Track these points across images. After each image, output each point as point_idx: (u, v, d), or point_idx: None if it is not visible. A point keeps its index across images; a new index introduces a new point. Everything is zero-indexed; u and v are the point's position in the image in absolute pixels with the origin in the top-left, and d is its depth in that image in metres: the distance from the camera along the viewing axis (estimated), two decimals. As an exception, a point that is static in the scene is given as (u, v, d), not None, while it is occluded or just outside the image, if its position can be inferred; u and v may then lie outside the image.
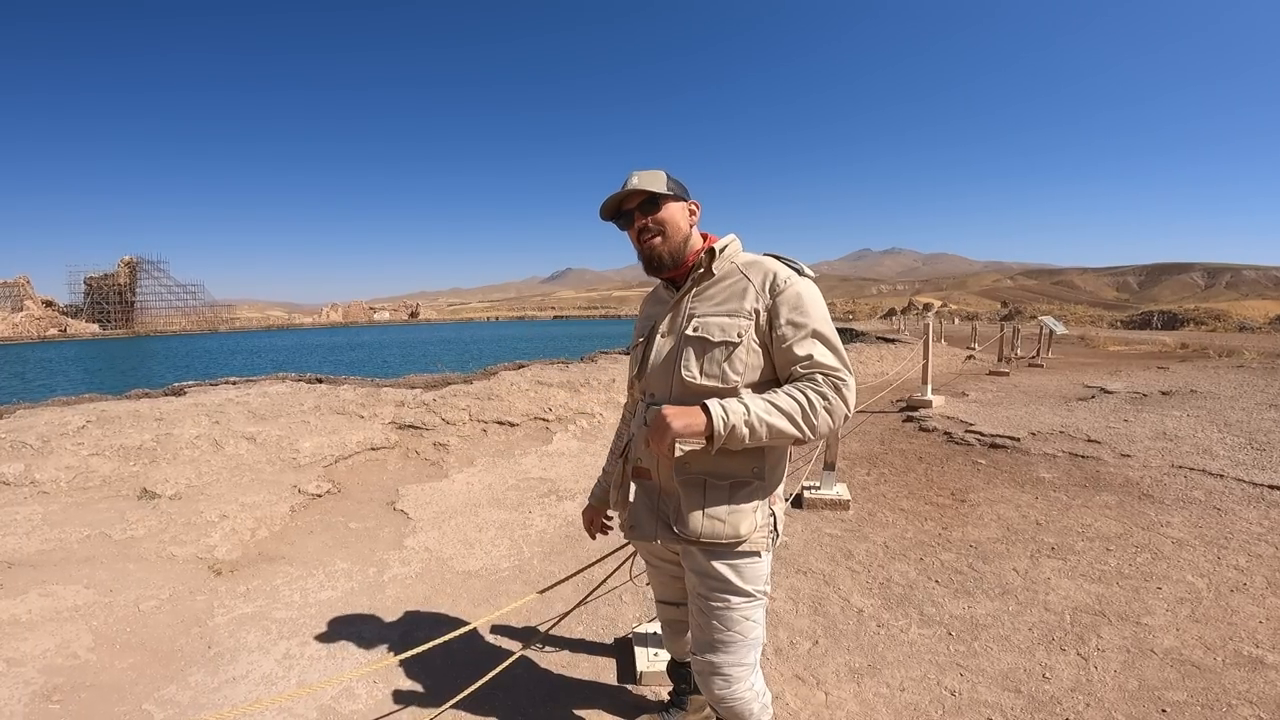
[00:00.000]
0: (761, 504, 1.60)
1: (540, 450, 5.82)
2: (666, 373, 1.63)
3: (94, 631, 2.81)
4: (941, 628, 2.80)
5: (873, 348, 15.79)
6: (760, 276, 1.59)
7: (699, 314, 1.61)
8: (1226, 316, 36.50)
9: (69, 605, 3.01)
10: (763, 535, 1.60)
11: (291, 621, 2.93)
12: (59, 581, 3.21)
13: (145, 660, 2.63)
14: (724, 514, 1.56)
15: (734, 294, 1.59)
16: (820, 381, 1.48)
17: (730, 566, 1.59)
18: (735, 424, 1.44)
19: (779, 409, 1.46)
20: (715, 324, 1.57)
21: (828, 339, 1.53)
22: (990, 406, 8.09)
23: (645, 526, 1.68)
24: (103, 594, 3.13)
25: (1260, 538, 3.67)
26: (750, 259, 1.65)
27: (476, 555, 3.69)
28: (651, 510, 1.67)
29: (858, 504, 4.44)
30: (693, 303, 1.64)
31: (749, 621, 1.64)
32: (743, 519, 1.56)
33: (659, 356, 1.66)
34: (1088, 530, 3.85)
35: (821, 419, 1.47)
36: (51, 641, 2.72)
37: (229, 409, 5.81)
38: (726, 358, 1.54)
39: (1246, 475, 4.76)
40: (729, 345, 1.54)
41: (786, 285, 1.56)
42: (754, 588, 1.62)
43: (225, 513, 4.03)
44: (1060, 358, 15.10)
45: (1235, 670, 2.44)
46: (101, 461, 4.57)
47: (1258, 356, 13.67)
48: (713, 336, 1.56)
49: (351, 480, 4.86)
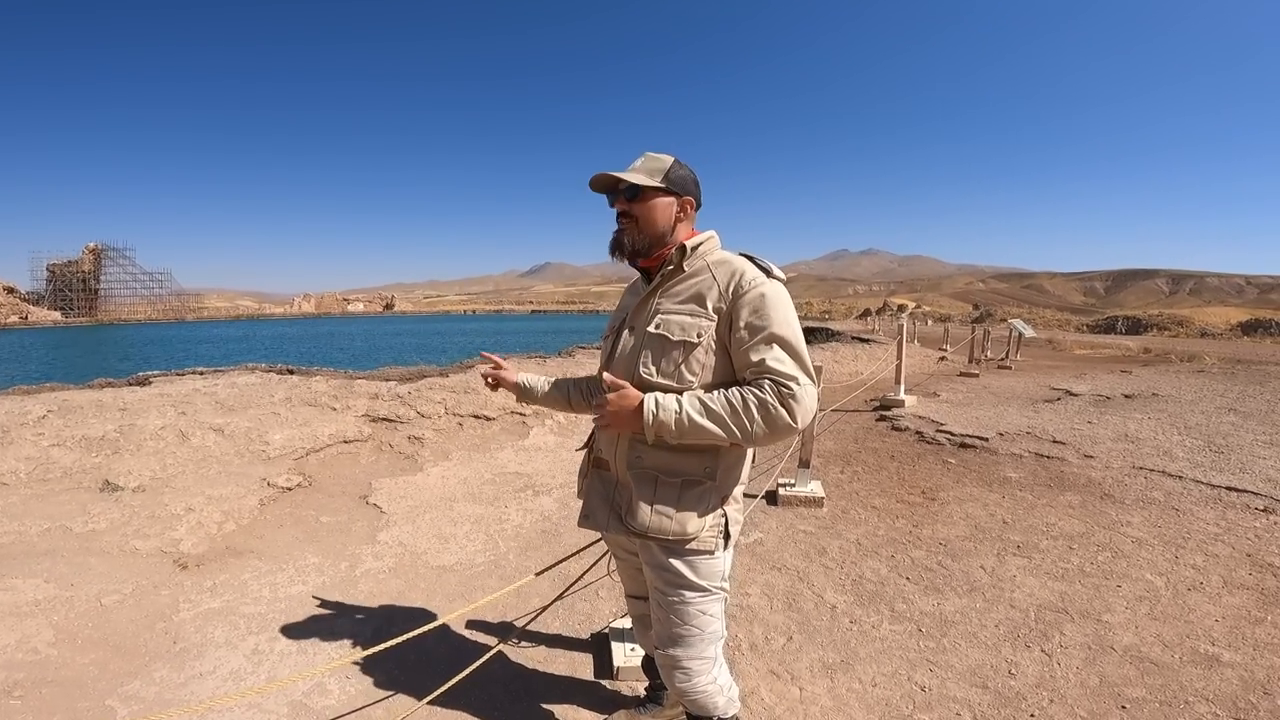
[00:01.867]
0: (712, 504, 1.59)
1: (517, 445, 5.79)
2: (627, 368, 1.64)
3: (55, 626, 2.74)
4: (912, 624, 2.85)
5: (848, 347, 15.97)
6: (726, 276, 1.58)
7: (663, 310, 1.62)
8: (1189, 322, 37.58)
9: (28, 599, 2.93)
10: (712, 535, 1.59)
11: (260, 616, 2.89)
12: (18, 575, 3.13)
13: (108, 655, 2.56)
14: (671, 511, 1.56)
15: (698, 293, 1.59)
16: (765, 388, 1.45)
17: (685, 562, 1.61)
18: (664, 420, 1.47)
19: (709, 410, 1.46)
20: (676, 322, 1.57)
21: (787, 343, 1.49)
22: (960, 407, 8.23)
23: (598, 515, 1.71)
24: (63, 588, 3.05)
25: (1216, 538, 3.79)
26: (721, 258, 1.64)
27: (451, 550, 3.66)
28: (606, 500, 1.70)
29: (831, 501, 4.49)
30: (660, 298, 1.65)
31: (706, 616, 1.65)
32: (690, 518, 1.56)
33: (623, 351, 1.67)
34: (1052, 529, 3.94)
35: (757, 425, 1.44)
36: (11, 636, 2.65)
37: (196, 399, 5.69)
38: (684, 358, 1.55)
39: (1204, 477, 4.91)
40: (687, 345, 1.54)
41: (751, 287, 1.53)
42: (709, 583, 1.63)
43: (191, 506, 3.95)
44: (1028, 360, 15.41)
45: (1192, 668, 2.52)
46: (63, 452, 4.44)
47: (1218, 362, 14.10)
48: (672, 335, 1.56)
49: (323, 473, 4.79)
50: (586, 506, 1.76)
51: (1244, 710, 2.25)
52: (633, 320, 1.70)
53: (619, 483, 1.68)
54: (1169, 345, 21.55)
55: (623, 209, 1.65)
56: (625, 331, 1.70)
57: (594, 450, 1.78)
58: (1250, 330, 33.84)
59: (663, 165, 1.64)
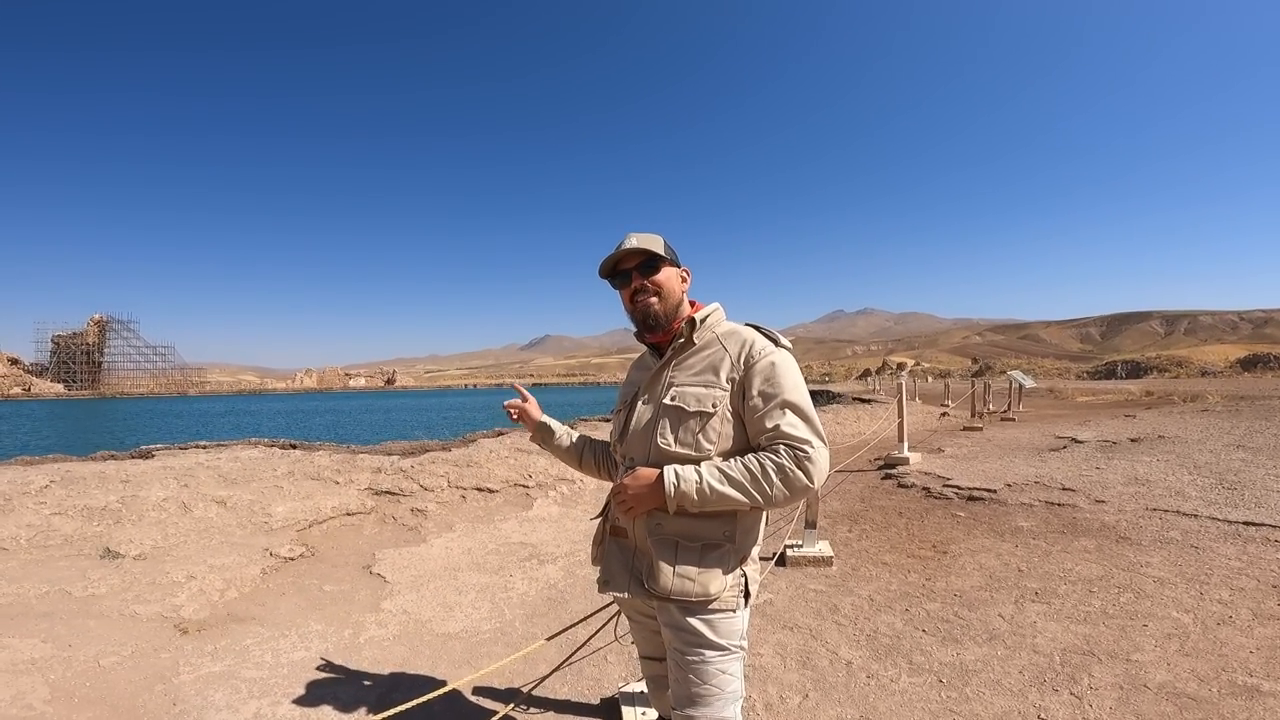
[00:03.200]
0: (731, 564, 1.61)
1: (521, 515, 5.73)
2: (644, 439, 1.66)
3: (51, 685, 2.71)
4: (932, 675, 2.77)
5: (850, 409, 15.97)
6: (737, 347, 1.63)
7: (678, 383, 1.65)
8: (1188, 362, 37.66)
9: (25, 658, 2.90)
10: (733, 594, 1.61)
11: (262, 681, 2.83)
12: (14, 635, 3.10)
13: (105, 714, 2.52)
14: (694, 574, 1.57)
15: (711, 364, 1.64)
16: (781, 452, 1.50)
17: (704, 621, 1.60)
18: (686, 491, 1.51)
19: (729, 478, 1.51)
20: (692, 394, 1.61)
21: (799, 408, 1.55)
22: (966, 461, 8.17)
23: (618, 580, 1.70)
24: (61, 648, 3.02)
25: (1240, 571, 3.72)
26: (729, 329, 1.71)
27: (456, 618, 3.58)
28: (625, 566, 1.70)
29: (841, 560, 4.41)
30: (673, 372, 1.69)
31: (726, 675, 1.62)
32: (712, 579, 1.58)
33: (639, 423, 1.70)
34: (1069, 574, 3.87)
35: (776, 489, 1.49)
36: (6, 693, 2.62)
37: (199, 473, 5.67)
38: (701, 427, 1.59)
39: (1220, 514, 4.84)
40: (704, 415, 1.59)
41: (761, 356, 1.60)
42: (729, 642, 1.62)
43: (193, 573, 3.90)
44: (1031, 410, 15.38)
45: (1232, 699, 2.44)
46: (64, 521, 4.43)
47: (1221, 400, 14.07)
48: (688, 406, 1.60)
49: (326, 544, 4.73)
50: (605, 572, 1.75)
51: (1290, 741, 2.17)
52: (646, 393, 1.72)
53: (637, 549, 1.68)
54: (1171, 386, 21.53)
55: (640, 284, 1.69)
56: (639, 404, 1.73)
57: (609, 519, 1.78)
58: (1250, 366, 33.89)
59: (658, 240, 1.71)
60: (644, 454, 1.66)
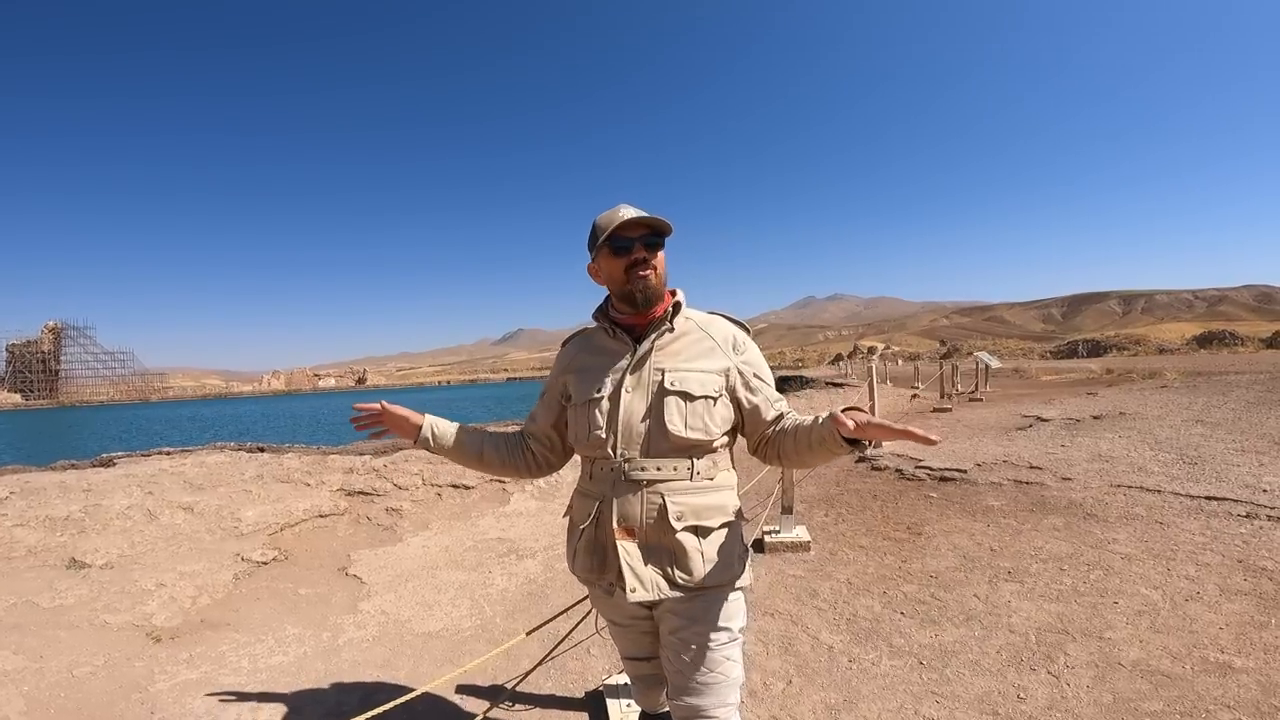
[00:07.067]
0: (743, 542, 1.68)
1: (498, 511, 5.68)
2: (646, 426, 1.59)
3: (25, 696, 2.64)
4: (912, 657, 2.81)
5: (823, 393, 16.15)
6: (722, 336, 1.70)
7: (670, 368, 1.61)
8: (1146, 340, 38.79)
9: None
10: (748, 573, 1.68)
11: (241, 687, 2.78)
12: None
13: None
14: (724, 556, 1.61)
15: (702, 351, 1.65)
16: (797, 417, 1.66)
17: (720, 605, 1.61)
18: None
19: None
20: (694, 379, 1.60)
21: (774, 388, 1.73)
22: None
23: (648, 583, 1.57)
24: (32, 659, 2.93)
25: (1205, 547, 3.83)
26: (706, 317, 1.74)
27: (436, 616, 3.54)
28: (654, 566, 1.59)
29: (818, 544, 4.45)
30: (656, 356, 1.64)
31: (730, 661, 1.62)
32: (736, 559, 1.63)
33: (632, 411, 1.61)
34: (1040, 552, 3.95)
35: None
36: None
37: (163, 479, 5.51)
38: (708, 411, 1.60)
39: (1183, 489, 4.98)
40: (709, 399, 1.61)
41: (746, 346, 1.72)
42: (735, 625, 1.63)
43: (162, 581, 3.80)
44: (998, 390, 15.70)
45: (1206, 677, 2.50)
46: (26, 532, 4.27)
47: (1179, 376, 14.52)
48: (694, 391, 1.59)
49: (299, 547, 4.64)
50: (628, 579, 1.56)
51: (1268, 714, 2.24)
52: (630, 380, 1.63)
53: (659, 545, 1.58)
54: (1130, 364, 22.16)
55: (642, 257, 1.61)
56: (624, 393, 1.62)
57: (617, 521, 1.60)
58: (1205, 343, 34.99)
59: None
60: (644, 441, 1.59)
